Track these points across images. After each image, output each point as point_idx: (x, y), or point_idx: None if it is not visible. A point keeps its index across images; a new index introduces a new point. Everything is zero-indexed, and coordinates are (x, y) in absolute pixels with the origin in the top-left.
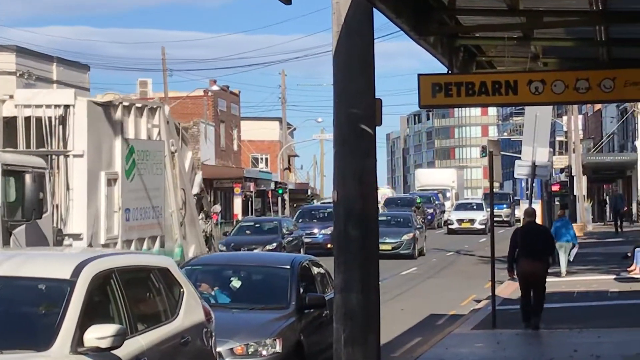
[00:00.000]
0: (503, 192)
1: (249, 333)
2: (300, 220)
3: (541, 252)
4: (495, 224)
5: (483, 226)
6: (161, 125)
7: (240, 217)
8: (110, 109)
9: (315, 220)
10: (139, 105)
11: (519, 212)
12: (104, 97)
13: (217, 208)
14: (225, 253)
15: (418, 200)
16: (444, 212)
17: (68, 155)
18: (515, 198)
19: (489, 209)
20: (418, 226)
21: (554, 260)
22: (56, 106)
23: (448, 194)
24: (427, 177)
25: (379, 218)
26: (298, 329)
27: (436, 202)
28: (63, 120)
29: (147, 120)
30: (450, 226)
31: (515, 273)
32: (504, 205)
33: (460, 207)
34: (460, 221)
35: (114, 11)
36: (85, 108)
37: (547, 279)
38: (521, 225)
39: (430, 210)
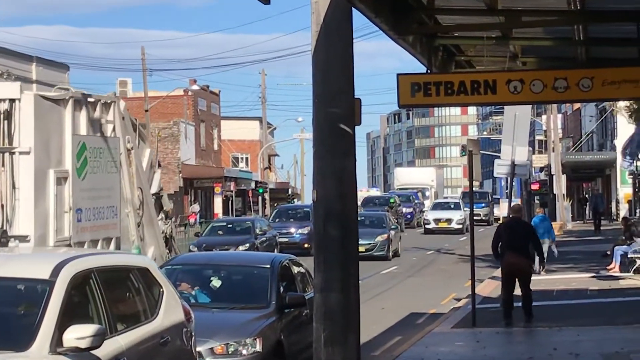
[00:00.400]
0: (482, 191)
1: (229, 333)
2: (277, 220)
3: (525, 247)
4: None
5: (460, 226)
6: (116, 121)
7: (221, 216)
8: (60, 104)
9: (292, 220)
10: (91, 99)
11: (498, 211)
12: (53, 90)
13: (196, 208)
14: (205, 252)
15: (391, 200)
16: (423, 211)
17: (14, 152)
18: (494, 197)
19: (466, 209)
20: (393, 226)
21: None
22: (1, 100)
23: (427, 193)
24: (406, 176)
25: None
26: (278, 328)
27: (415, 201)
28: (8, 115)
29: (100, 115)
30: (427, 226)
31: (500, 267)
32: (483, 204)
33: (437, 206)
34: (437, 221)
35: (94, 10)
36: (32, 102)
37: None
38: (506, 220)
39: (410, 210)
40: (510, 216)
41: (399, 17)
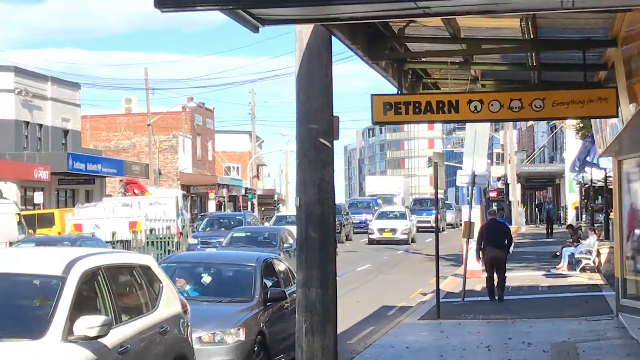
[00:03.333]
0: (432, 199)
1: (216, 323)
2: (208, 229)
3: (502, 242)
4: (423, 230)
5: (405, 236)
6: None
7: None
8: None
9: (223, 229)
10: None
11: (450, 217)
12: None
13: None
14: (198, 252)
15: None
16: None
17: None
18: (446, 202)
19: (411, 219)
20: (287, 245)
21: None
22: None
23: (395, 200)
24: (376, 185)
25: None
26: (261, 319)
27: (375, 208)
28: None
29: None
30: (371, 236)
31: (483, 258)
32: (433, 212)
33: (382, 215)
34: (381, 230)
35: (102, 35)
36: None
37: (483, 275)
38: (486, 222)
39: (365, 217)
40: (489, 219)
41: (373, 44)
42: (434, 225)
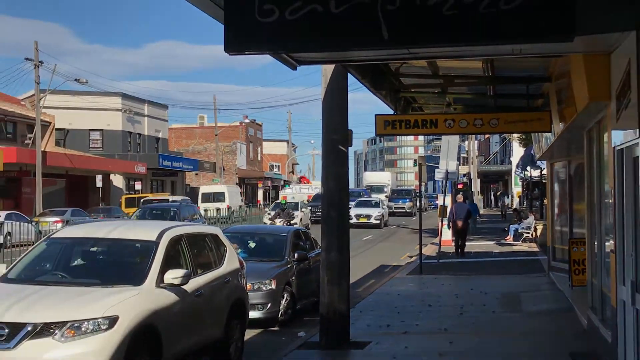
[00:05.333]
0: (407, 189)
1: (255, 276)
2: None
3: (465, 217)
4: (399, 214)
5: (378, 221)
6: None
7: (262, 203)
8: None
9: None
10: None
11: (423, 204)
12: None
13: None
14: (247, 225)
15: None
16: None
17: None
18: (416, 192)
19: (384, 207)
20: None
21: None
22: None
23: (385, 189)
24: (371, 177)
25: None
26: (289, 274)
27: (365, 196)
28: None
29: None
30: (350, 221)
31: (453, 227)
32: (407, 200)
33: (360, 204)
34: (358, 216)
35: (184, 71)
36: None
37: (453, 244)
38: (456, 203)
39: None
40: (457, 202)
41: (376, 79)
42: (407, 210)
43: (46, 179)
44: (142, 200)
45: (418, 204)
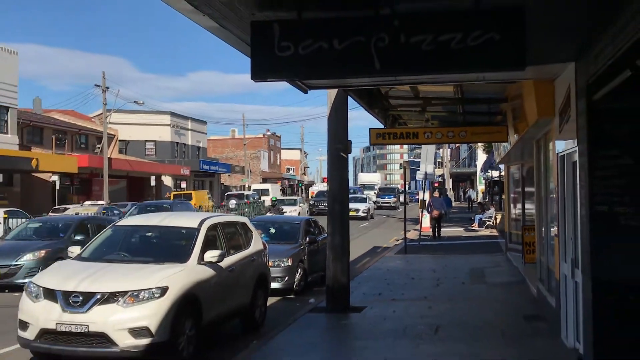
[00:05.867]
0: (392, 187)
1: (276, 255)
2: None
3: (441, 207)
4: (386, 208)
5: (365, 214)
6: None
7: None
8: None
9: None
10: None
11: (403, 199)
12: None
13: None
14: (268, 215)
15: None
16: None
17: None
18: (400, 190)
19: (371, 202)
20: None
21: (447, 214)
22: None
23: (375, 187)
24: (364, 178)
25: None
26: (302, 254)
27: (358, 193)
28: None
29: None
30: None
31: (431, 215)
32: (392, 196)
33: (350, 199)
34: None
35: (218, 94)
36: None
37: (430, 229)
38: (433, 197)
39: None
40: (434, 196)
41: (371, 100)
42: (392, 205)
43: (111, 179)
44: (169, 194)
45: (402, 199)
